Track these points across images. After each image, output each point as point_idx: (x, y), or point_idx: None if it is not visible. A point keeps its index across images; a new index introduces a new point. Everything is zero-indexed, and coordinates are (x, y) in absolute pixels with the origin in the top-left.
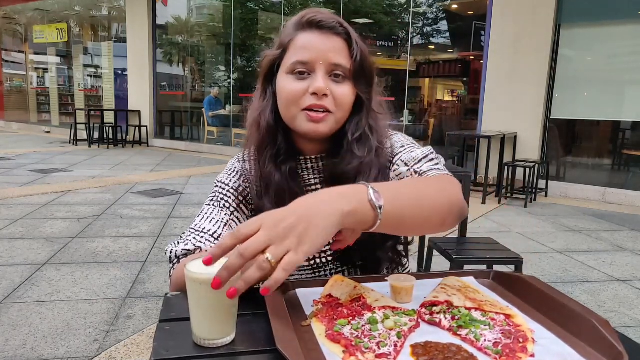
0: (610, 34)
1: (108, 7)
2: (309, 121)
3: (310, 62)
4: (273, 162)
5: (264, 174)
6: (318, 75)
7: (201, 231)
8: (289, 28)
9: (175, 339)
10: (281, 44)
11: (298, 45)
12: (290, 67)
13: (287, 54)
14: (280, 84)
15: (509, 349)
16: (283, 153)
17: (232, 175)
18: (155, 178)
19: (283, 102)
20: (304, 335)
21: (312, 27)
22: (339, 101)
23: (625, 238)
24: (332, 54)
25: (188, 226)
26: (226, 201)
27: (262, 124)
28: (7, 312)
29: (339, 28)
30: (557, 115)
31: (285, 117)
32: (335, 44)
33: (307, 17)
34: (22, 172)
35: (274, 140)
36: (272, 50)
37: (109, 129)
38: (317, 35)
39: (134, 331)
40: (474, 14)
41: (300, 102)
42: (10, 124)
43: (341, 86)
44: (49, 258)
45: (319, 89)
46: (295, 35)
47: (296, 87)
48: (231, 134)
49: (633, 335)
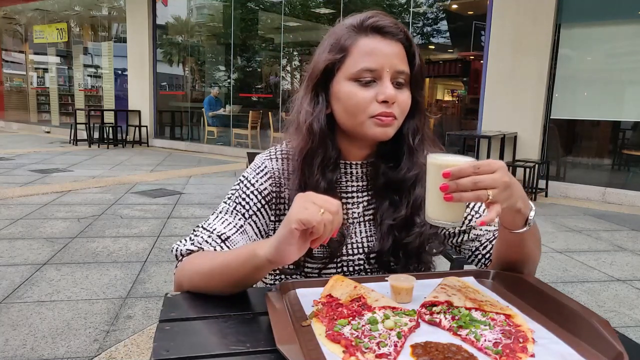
0: (610, 34)
1: (108, 7)
2: (379, 125)
3: (378, 70)
4: (321, 170)
5: (310, 182)
6: (386, 83)
7: (211, 232)
8: (346, 31)
9: (175, 339)
10: (341, 47)
11: (362, 51)
12: (355, 73)
13: (349, 59)
14: (344, 91)
15: (509, 349)
16: (332, 162)
17: (260, 174)
18: (155, 178)
19: (349, 109)
20: (304, 335)
21: (375, 32)
22: (402, 107)
23: (625, 238)
24: (397, 60)
25: (200, 223)
26: (247, 203)
27: (316, 130)
28: (7, 312)
29: (400, 33)
30: (557, 115)
31: (348, 123)
32: (398, 50)
33: (370, 22)
34: (22, 172)
35: (325, 147)
36: (327, 54)
37: (109, 129)
38: (380, 41)
39: (134, 331)
40: (474, 14)
41: (369, 109)
42: (10, 124)
43: (403, 92)
44: (49, 258)
45: (390, 97)
46: (356, 39)
47: (364, 96)
48: (231, 134)
49: (633, 335)
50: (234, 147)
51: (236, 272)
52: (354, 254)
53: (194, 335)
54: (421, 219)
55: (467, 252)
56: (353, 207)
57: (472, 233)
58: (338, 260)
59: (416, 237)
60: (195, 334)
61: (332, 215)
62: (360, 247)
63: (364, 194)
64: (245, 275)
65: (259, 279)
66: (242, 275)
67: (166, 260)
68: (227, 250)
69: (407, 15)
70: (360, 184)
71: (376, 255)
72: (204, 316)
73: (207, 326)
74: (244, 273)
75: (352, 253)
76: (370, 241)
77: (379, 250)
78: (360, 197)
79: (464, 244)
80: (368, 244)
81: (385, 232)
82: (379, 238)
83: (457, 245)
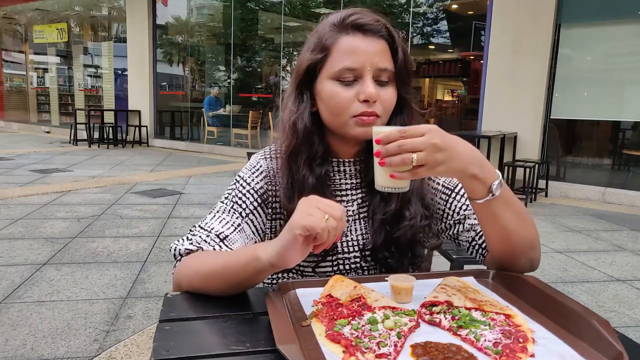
0: (610, 34)
1: (108, 7)
2: (360, 125)
3: (359, 68)
4: (308, 165)
5: (298, 178)
6: (367, 82)
7: (209, 231)
8: (328, 29)
9: (176, 339)
10: (322, 47)
11: (343, 50)
12: (336, 73)
13: (330, 59)
14: (325, 90)
15: (509, 349)
16: (319, 156)
17: (256, 174)
18: (155, 178)
19: (331, 109)
20: (304, 335)
21: (355, 30)
22: (385, 105)
23: (625, 238)
24: (378, 58)
25: (197, 222)
26: (243, 202)
27: (300, 128)
28: (7, 312)
29: (382, 30)
30: (557, 115)
31: (331, 123)
32: (380, 47)
33: (351, 20)
34: (22, 172)
35: (311, 144)
36: (309, 54)
37: (109, 129)
38: (361, 39)
39: (134, 331)
40: (474, 14)
41: (350, 109)
42: (10, 124)
43: (386, 89)
44: (49, 258)
45: (371, 95)
46: (337, 38)
47: (345, 95)
48: (231, 134)
49: (633, 335)
50: (234, 147)
51: (237, 274)
52: (350, 251)
53: (194, 335)
54: (410, 213)
55: (464, 244)
56: (348, 205)
57: (467, 223)
58: (334, 258)
59: (406, 230)
60: (195, 333)
61: (336, 222)
62: (355, 244)
63: (358, 192)
64: (246, 278)
65: (260, 282)
66: (243, 277)
67: (166, 260)
68: (227, 251)
69: (407, 15)
70: (354, 181)
71: (370, 252)
72: (204, 316)
73: (207, 326)
74: (245, 276)
75: (347, 251)
76: (365, 238)
77: (372, 246)
78: (355, 194)
79: (460, 235)
80: (364, 241)
81: (377, 227)
82: (372, 233)
83: (454, 237)
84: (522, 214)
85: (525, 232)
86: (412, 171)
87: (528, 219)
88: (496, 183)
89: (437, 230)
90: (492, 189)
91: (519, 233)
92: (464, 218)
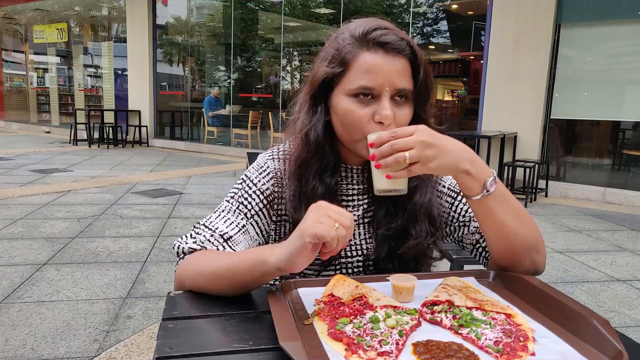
0: (610, 34)
1: (108, 7)
2: None
3: (377, 88)
4: (319, 176)
5: (307, 189)
6: (384, 102)
7: (214, 230)
8: (348, 42)
9: (179, 336)
10: (341, 60)
11: (362, 67)
12: (353, 90)
13: (348, 74)
14: (340, 106)
15: (510, 348)
16: (330, 166)
17: (263, 174)
18: (155, 178)
19: (345, 126)
20: (306, 333)
21: (378, 47)
22: (399, 125)
23: (625, 238)
24: (398, 78)
25: (201, 220)
26: (249, 202)
27: (312, 140)
28: (7, 312)
29: (406, 49)
30: (557, 115)
31: (344, 138)
32: (400, 67)
33: (373, 36)
34: (22, 172)
35: (322, 155)
36: (326, 66)
37: (109, 129)
38: (382, 57)
39: (134, 331)
40: (474, 14)
41: (365, 129)
42: (10, 124)
43: (403, 109)
44: (49, 258)
45: (387, 118)
46: (357, 54)
47: (360, 114)
48: (231, 134)
49: (633, 335)
50: (234, 147)
51: (242, 276)
52: (353, 256)
53: (197, 333)
54: (416, 231)
55: (469, 247)
56: (353, 210)
57: (472, 226)
58: (336, 263)
59: (411, 248)
60: (198, 332)
61: (345, 230)
62: (359, 249)
63: (364, 197)
64: (251, 280)
65: (264, 284)
66: (248, 279)
67: (166, 260)
68: (231, 252)
69: (407, 15)
70: (361, 187)
71: (373, 262)
72: (207, 314)
73: (210, 324)
74: (251, 278)
75: (350, 255)
76: (369, 243)
77: (375, 258)
78: (361, 199)
79: (465, 237)
80: (367, 245)
81: (381, 241)
82: (375, 246)
83: (458, 240)
84: (520, 213)
85: (525, 231)
86: (406, 169)
87: (528, 220)
88: (490, 179)
89: (443, 234)
90: (486, 185)
91: (518, 232)
92: (469, 220)
